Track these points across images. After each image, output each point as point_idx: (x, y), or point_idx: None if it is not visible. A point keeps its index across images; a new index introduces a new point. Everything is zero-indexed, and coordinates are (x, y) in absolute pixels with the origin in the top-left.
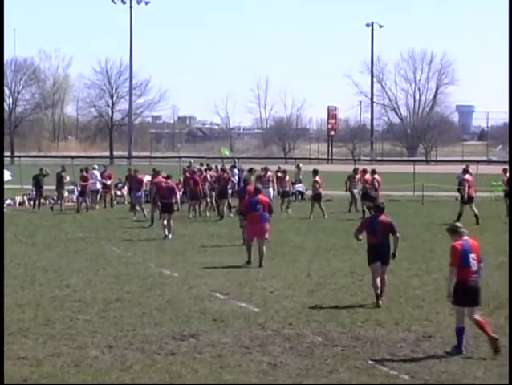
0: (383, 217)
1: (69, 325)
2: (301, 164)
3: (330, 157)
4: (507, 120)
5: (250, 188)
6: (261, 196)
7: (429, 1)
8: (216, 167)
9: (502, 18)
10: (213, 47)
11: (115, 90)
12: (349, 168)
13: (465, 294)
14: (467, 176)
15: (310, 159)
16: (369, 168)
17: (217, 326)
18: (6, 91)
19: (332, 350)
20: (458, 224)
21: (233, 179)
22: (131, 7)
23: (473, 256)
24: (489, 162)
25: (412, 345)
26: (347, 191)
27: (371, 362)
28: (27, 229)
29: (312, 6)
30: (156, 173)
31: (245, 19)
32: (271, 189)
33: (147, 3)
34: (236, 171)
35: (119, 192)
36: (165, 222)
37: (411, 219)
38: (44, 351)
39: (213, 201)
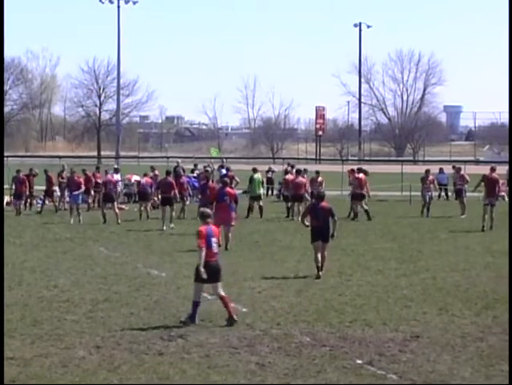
0: (324, 204)
1: (57, 325)
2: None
3: (318, 157)
4: (494, 120)
5: (212, 184)
6: (228, 189)
7: (417, 1)
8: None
9: (490, 18)
10: (201, 47)
11: (103, 90)
12: (337, 168)
13: (208, 273)
14: (360, 175)
15: (298, 159)
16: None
17: (205, 326)
18: None
19: (320, 350)
20: (208, 211)
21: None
22: (118, 7)
23: (214, 239)
24: (477, 162)
25: (399, 345)
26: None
27: (359, 362)
28: (15, 229)
29: (300, 6)
30: (105, 173)
31: (233, 19)
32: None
33: (135, 3)
34: (224, 171)
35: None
36: (167, 215)
37: (399, 219)
38: (32, 352)
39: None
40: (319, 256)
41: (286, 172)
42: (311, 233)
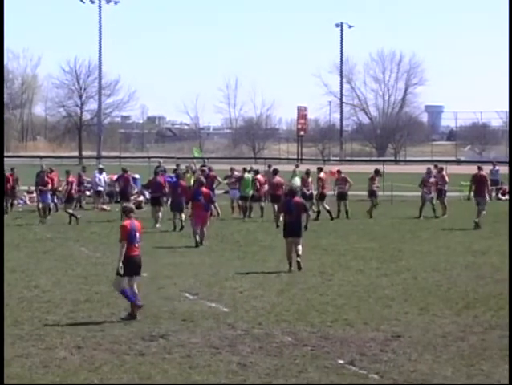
0: (296, 199)
1: (37, 326)
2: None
3: (299, 157)
4: (476, 120)
5: (183, 182)
6: (203, 189)
7: (398, 1)
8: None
9: (471, 18)
10: (183, 47)
11: (84, 90)
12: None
13: (130, 266)
14: (322, 175)
15: (279, 159)
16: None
17: (186, 327)
18: None
19: (302, 350)
20: (131, 206)
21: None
22: (100, 7)
23: (137, 234)
24: (458, 162)
25: (381, 344)
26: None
27: (340, 361)
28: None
29: (282, 5)
30: (67, 174)
31: (214, 19)
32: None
33: (116, 3)
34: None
35: (88, 193)
36: (159, 214)
37: (380, 219)
38: (12, 352)
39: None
40: (292, 251)
41: (257, 173)
42: (284, 228)
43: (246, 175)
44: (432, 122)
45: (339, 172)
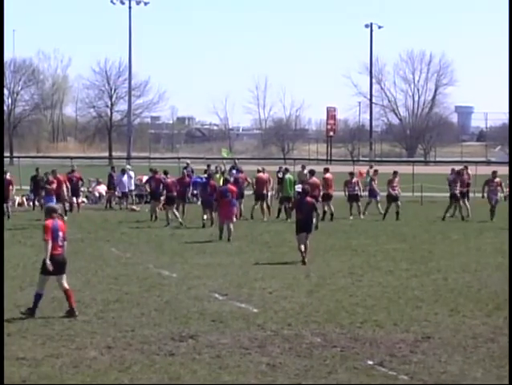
0: (308, 198)
1: (68, 326)
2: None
3: (329, 158)
4: (506, 121)
5: (212, 182)
6: (230, 186)
7: (428, 2)
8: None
9: (501, 18)
10: (212, 48)
11: (114, 90)
12: (348, 169)
13: (53, 265)
14: (327, 175)
15: (309, 160)
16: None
17: (216, 327)
18: (5, 91)
19: (331, 351)
20: (54, 206)
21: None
22: (130, 8)
23: (60, 234)
24: (488, 163)
25: (411, 346)
26: (483, 197)
27: (370, 362)
28: (26, 230)
29: (311, 6)
30: (54, 173)
31: (243, 20)
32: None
33: (146, 4)
34: (235, 171)
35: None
36: (171, 213)
37: (410, 220)
38: (43, 352)
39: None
40: (302, 246)
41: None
42: (296, 225)
43: (288, 176)
44: (462, 123)
45: (395, 173)
